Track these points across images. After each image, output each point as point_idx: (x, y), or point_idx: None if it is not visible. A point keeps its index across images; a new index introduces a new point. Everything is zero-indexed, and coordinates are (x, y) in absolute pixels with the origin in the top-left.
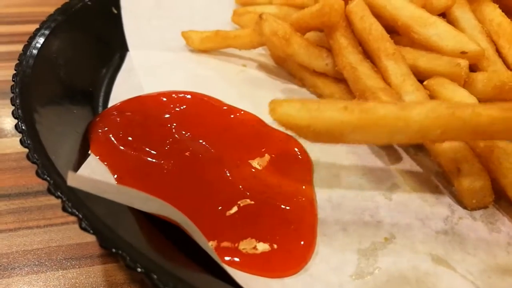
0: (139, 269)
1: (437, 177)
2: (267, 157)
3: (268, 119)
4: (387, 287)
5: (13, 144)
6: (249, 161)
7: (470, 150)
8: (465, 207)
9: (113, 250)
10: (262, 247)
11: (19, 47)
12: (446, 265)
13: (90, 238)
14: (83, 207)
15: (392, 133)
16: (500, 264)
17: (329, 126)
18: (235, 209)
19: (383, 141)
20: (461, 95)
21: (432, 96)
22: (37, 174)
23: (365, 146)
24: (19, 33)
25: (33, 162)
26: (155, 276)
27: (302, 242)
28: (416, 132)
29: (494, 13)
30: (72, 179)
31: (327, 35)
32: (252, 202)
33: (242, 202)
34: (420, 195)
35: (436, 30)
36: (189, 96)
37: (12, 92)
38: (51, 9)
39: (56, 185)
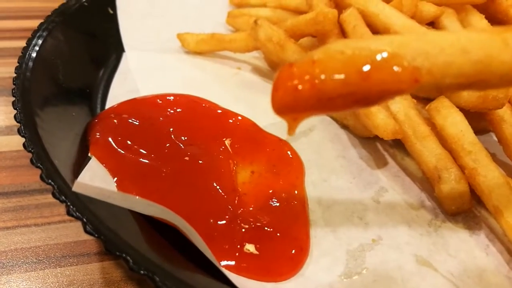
0: (142, 272)
1: (422, 182)
2: (261, 161)
3: (262, 122)
4: (374, 286)
5: (9, 143)
6: (244, 165)
7: (451, 159)
8: (445, 212)
9: (117, 253)
10: (260, 252)
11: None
12: (429, 265)
13: (87, 236)
14: (86, 211)
15: None
16: (479, 265)
17: None
18: (232, 214)
19: None
20: (451, 122)
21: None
22: (42, 178)
23: (354, 151)
24: (25, 29)
25: (37, 167)
26: (157, 279)
27: (300, 248)
28: None
29: (481, 23)
30: (78, 186)
31: (320, 42)
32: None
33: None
34: (406, 199)
35: None
36: (184, 99)
37: (14, 96)
38: (57, 5)
39: (61, 189)
